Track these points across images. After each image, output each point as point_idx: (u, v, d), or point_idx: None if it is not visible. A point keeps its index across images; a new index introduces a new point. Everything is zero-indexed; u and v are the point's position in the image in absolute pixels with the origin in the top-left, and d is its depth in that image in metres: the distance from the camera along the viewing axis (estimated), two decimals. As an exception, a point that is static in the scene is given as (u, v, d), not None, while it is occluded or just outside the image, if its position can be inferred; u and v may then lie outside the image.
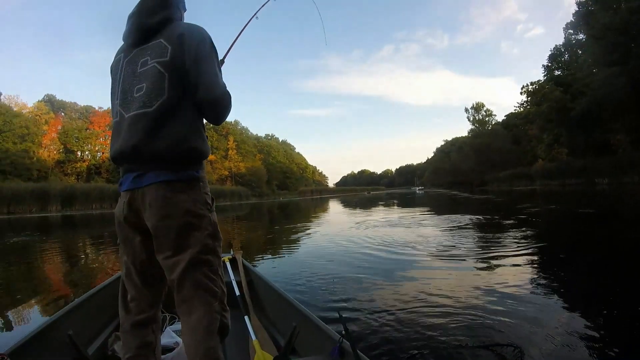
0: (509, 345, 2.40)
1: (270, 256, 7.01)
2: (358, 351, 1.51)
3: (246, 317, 2.37)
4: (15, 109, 50.10)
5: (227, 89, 1.46)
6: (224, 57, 2.01)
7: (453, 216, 13.15)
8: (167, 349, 1.95)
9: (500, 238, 7.52)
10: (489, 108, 77.55)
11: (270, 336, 2.31)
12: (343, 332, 1.63)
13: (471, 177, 70.87)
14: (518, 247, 6.26)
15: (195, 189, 1.37)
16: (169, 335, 2.09)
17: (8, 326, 3.71)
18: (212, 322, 1.32)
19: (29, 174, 45.30)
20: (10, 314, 4.09)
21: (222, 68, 1.63)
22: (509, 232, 8.10)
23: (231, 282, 2.81)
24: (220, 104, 1.42)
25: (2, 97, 51.08)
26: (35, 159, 47.52)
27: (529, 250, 5.89)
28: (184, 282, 1.31)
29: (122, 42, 1.54)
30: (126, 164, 1.37)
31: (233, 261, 3.18)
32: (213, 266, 1.38)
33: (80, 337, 1.91)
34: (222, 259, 3.09)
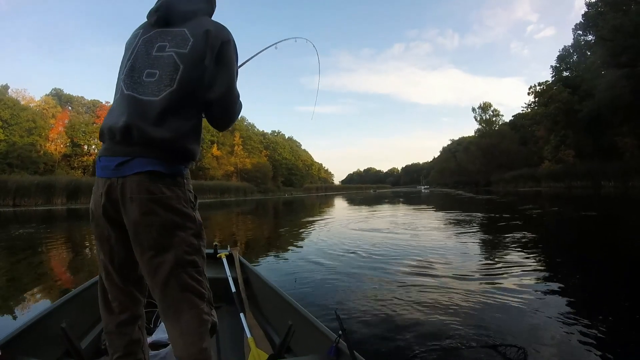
0: (512, 345, 2.38)
1: (268, 252, 7.05)
2: (355, 351, 1.49)
3: (242, 315, 2.36)
4: (22, 103, 50.21)
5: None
6: (240, 66, 1.89)
7: (455, 215, 13.14)
8: (161, 345, 1.92)
9: (499, 239, 7.52)
10: (496, 108, 76.74)
11: (266, 334, 2.29)
12: (340, 331, 1.60)
13: (477, 177, 70.55)
14: (516, 249, 6.27)
15: (180, 185, 1.30)
16: (163, 331, 2.05)
17: (6, 316, 3.75)
18: (203, 325, 1.28)
19: (35, 167, 45.39)
20: (10, 304, 4.13)
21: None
22: (508, 233, 8.08)
23: (227, 278, 2.79)
24: (230, 109, 1.41)
25: (9, 90, 51.29)
26: (42, 152, 47.60)
27: (526, 253, 5.90)
28: (169, 285, 1.24)
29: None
30: (112, 143, 1.27)
31: (230, 258, 3.15)
32: (199, 267, 1.31)
33: (73, 330, 1.90)
34: (219, 255, 3.11)
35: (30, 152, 45.94)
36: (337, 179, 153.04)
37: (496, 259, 5.53)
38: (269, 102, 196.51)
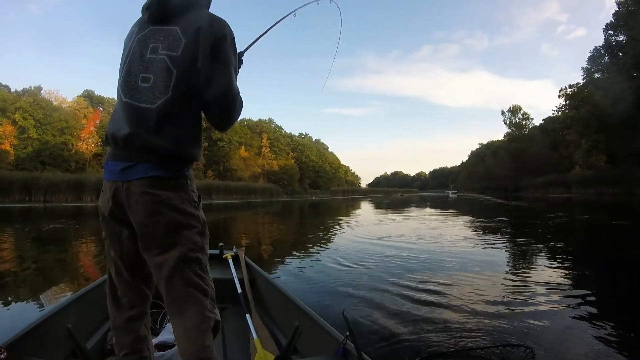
0: (520, 345, 2.32)
1: (286, 253, 7.06)
2: (362, 353, 1.46)
3: (248, 315, 2.34)
4: (55, 103, 52.11)
5: (240, 94, 1.38)
6: (245, 50, 1.68)
7: (481, 222, 12.90)
8: (167, 345, 1.92)
9: (524, 247, 7.33)
10: (526, 111, 75.01)
11: (272, 335, 2.27)
12: (347, 332, 1.58)
13: (505, 182, 69.03)
14: (541, 258, 6.12)
15: (182, 187, 1.32)
16: (169, 332, 2.04)
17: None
18: (206, 321, 1.29)
19: (67, 165, 46.91)
20: (37, 293, 4.27)
21: (243, 59, 1.55)
22: (535, 241, 7.86)
23: (233, 279, 2.77)
24: (228, 110, 1.35)
25: (42, 91, 53.31)
26: (73, 151, 49.11)
27: (552, 264, 5.76)
28: (173, 281, 1.27)
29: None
30: (116, 149, 1.31)
31: (235, 258, 3.14)
32: (202, 264, 1.33)
33: (79, 331, 1.90)
34: (225, 255, 3.10)
35: (62, 151, 47.62)
36: (364, 182, 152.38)
37: (518, 267, 5.41)
38: (296, 104, 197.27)
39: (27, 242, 9.57)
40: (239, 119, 1.48)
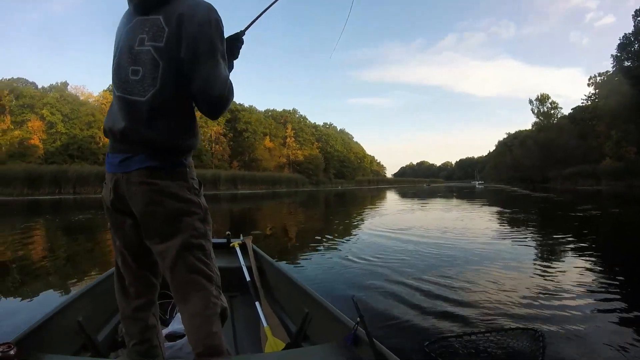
0: (529, 329, 2.29)
1: (302, 242, 7.12)
2: (374, 339, 1.42)
3: (257, 303, 2.34)
4: (81, 98, 53.60)
5: (230, 79, 1.30)
6: (247, 28, 1.57)
7: (508, 213, 12.79)
8: (178, 336, 1.91)
9: (547, 239, 7.21)
10: (554, 100, 72.80)
11: (282, 322, 2.26)
12: (358, 318, 1.53)
13: (533, 173, 67.00)
14: (562, 250, 6.00)
15: (181, 175, 1.31)
16: (179, 322, 2.00)
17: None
18: (211, 307, 1.29)
19: (95, 158, 48.00)
20: (66, 278, 4.55)
21: (244, 38, 1.51)
22: (561, 233, 7.65)
23: (241, 267, 2.76)
24: (216, 99, 1.27)
25: (69, 87, 54.82)
26: (101, 144, 50.02)
27: (572, 256, 5.68)
28: (177, 267, 1.28)
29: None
30: (114, 142, 1.32)
31: (243, 247, 3.11)
32: (206, 250, 1.33)
33: (89, 324, 1.90)
34: (232, 244, 3.10)
35: (90, 144, 48.90)
36: (389, 172, 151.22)
37: (542, 262, 5.30)
38: (320, 94, 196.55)
39: (57, 232, 9.96)
40: (235, 104, 1.44)
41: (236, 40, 1.48)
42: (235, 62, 1.51)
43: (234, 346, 2.06)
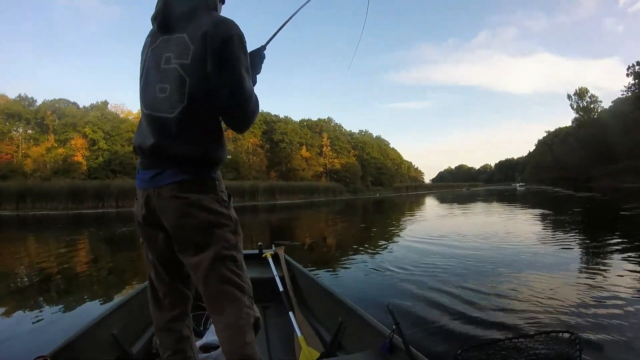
0: (564, 331, 2.18)
1: (339, 251, 7.08)
2: (410, 347, 1.41)
3: (290, 313, 2.34)
4: (121, 116, 56.18)
5: (255, 92, 1.35)
6: (268, 42, 1.59)
7: (551, 216, 12.70)
8: (212, 347, 1.92)
9: (589, 241, 6.93)
10: (594, 94, 69.49)
11: (316, 332, 2.25)
12: (393, 326, 1.53)
13: (576, 172, 64.33)
14: (602, 252, 5.87)
15: (211, 188, 1.34)
16: (213, 333, 2.01)
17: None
18: (244, 317, 1.30)
19: (136, 172, 50.58)
20: (110, 289, 4.64)
21: (264, 54, 1.54)
22: (608, 235, 7.28)
23: (274, 278, 2.76)
24: (243, 113, 1.34)
25: (109, 105, 57.52)
26: (142, 159, 52.92)
27: (610, 256, 5.52)
28: (210, 279, 1.29)
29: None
30: (145, 158, 1.35)
31: (275, 257, 3.12)
32: (237, 261, 1.35)
33: (124, 336, 1.93)
34: (265, 255, 3.13)
35: (132, 159, 50.82)
36: (427, 178, 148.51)
37: (586, 266, 5.08)
38: (355, 101, 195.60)
39: (101, 243, 10.37)
40: (258, 116, 1.43)
41: (258, 55, 1.51)
42: (259, 76, 1.53)
43: (268, 356, 2.05)
